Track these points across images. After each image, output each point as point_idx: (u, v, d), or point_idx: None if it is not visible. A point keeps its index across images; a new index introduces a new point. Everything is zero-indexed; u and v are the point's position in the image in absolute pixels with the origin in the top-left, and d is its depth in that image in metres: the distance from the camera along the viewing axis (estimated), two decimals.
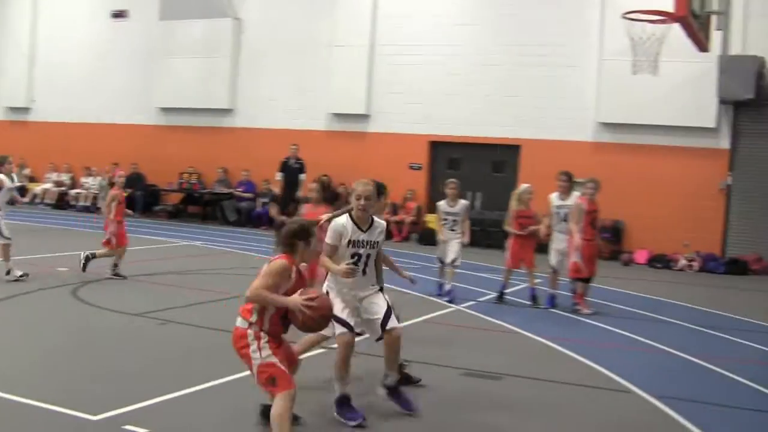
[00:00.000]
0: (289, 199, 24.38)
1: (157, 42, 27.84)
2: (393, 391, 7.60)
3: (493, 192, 22.97)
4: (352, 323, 7.36)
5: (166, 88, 27.67)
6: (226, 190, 26.64)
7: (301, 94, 26.01)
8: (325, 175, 13.53)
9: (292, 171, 24.46)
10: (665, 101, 21.51)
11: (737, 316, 14.20)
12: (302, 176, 24.15)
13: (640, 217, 21.61)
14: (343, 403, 7.32)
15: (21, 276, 13.55)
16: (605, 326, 12.43)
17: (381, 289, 7.61)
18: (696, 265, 20.97)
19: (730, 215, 21.76)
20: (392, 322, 7.41)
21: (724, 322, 13.63)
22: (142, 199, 26.93)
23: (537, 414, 8.07)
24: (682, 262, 21.10)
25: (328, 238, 7.40)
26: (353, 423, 7.16)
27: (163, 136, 27.97)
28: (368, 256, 7.47)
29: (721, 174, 21.72)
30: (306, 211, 10.86)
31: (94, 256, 14.46)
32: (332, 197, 12.02)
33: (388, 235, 23.42)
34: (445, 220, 14.10)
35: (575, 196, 13.57)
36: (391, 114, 24.92)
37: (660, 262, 21.39)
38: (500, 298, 14.09)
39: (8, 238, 13.80)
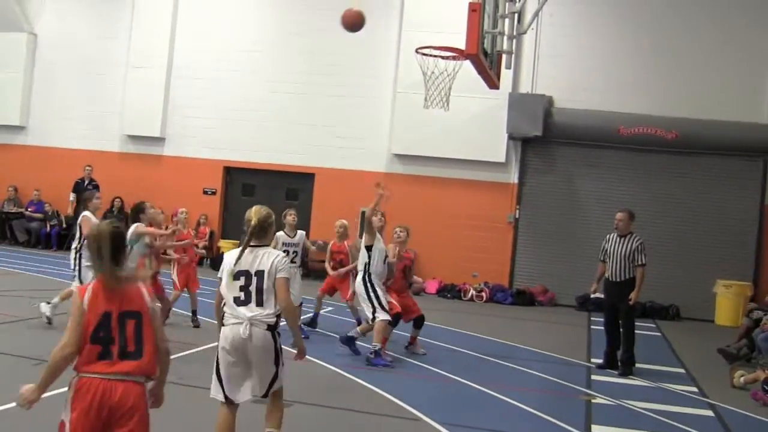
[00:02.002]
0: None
1: None
2: None
3: None
4: None
5: None
6: (15, 210, 25.53)
7: (95, 115, 25.22)
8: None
9: (85, 192, 23.67)
10: (457, 135, 22.01)
11: (523, 346, 14.62)
12: None
13: (431, 247, 21.94)
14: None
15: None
16: (395, 354, 12.50)
17: None
18: (485, 295, 21.49)
19: (518, 247, 22.43)
20: None
21: (510, 351, 14.00)
22: None
23: None
24: (472, 292, 21.59)
25: None
26: None
27: None
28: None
29: (509, 207, 22.38)
30: None
31: None
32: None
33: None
34: (286, 251, 13.37)
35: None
36: (186, 138, 24.54)
37: (450, 292, 21.82)
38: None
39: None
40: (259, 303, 6.62)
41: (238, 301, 6.64)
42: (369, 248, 12.17)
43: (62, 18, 26.04)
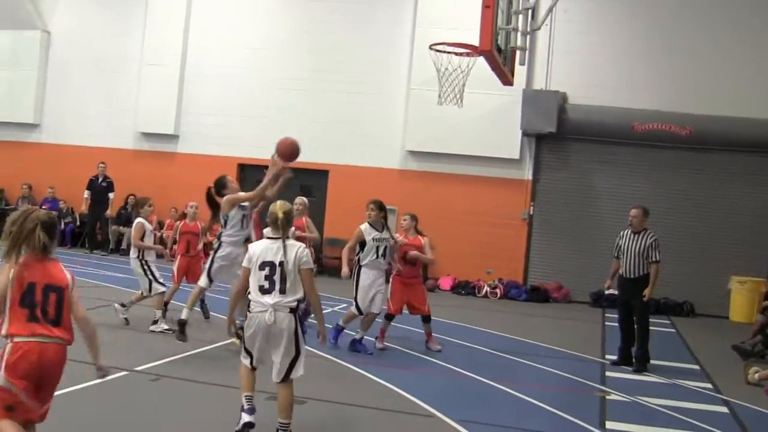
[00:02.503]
0: (96, 218, 23.85)
1: None
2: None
3: None
4: None
5: None
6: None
7: (109, 112, 25.31)
8: None
9: (100, 190, 23.91)
10: (471, 132, 22.06)
11: (537, 342, 14.62)
12: (111, 195, 23.62)
13: (445, 243, 21.80)
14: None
15: (167, 329, 12.69)
16: (409, 351, 12.53)
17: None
18: (499, 291, 21.52)
19: (532, 244, 22.45)
20: None
21: (525, 347, 14.00)
22: None
23: None
24: (486, 288, 21.61)
25: None
26: None
27: None
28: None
29: (523, 204, 22.41)
30: None
31: None
32: None
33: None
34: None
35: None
36: (200, 135, 24.58)
37: (464, 288, 21.85)
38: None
39: (163, 286, 13.20)
40: (282, 291, 7.31)
41: (262, 290, 7.34)
42: None
43: (75, 15, 26.14)
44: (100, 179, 23.92)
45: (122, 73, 25.22)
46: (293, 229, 12.44)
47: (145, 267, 13.21)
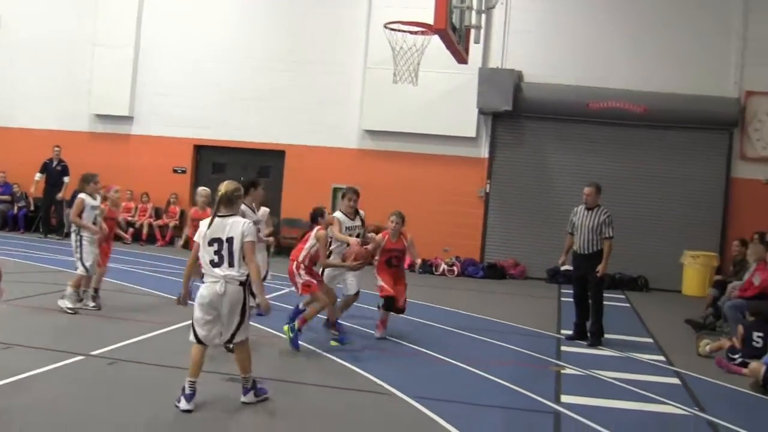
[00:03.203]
0: (50, 202, 23.61)
1: None
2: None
3: None
4: None
5: None
6: None
7: (63, 94, 24.94)
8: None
9: (54, 173, 23.57)
10: (428, 110, 22.13)
11: (494, 319, 14.79)
12: (66, 179, 23.34)
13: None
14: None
15: (69, 309, 12.52)
16: (368, 330, 12.62)
17: None
18: (456, 269, 21.65)
19: (489, 222, 22.61)
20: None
21: (482, 324, 14.16)
22: None
23: (304, 417, 8.17)
24: (443, 266, 21.74)
25: None
26: None
27: None
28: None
29: (480, 182, 22.54)
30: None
31: None
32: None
33: (153, 239, 23.07)
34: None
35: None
36: (155, 116, 24.39)
37: (421, 266, 21.92)
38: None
39: (86, 271, 12.82)
40: (231, 264, 7.97)
41: (213, 263, 8.00)
42: None
43: None
44: (55, 163, 23.56)
45: (75, 55, 24.82)
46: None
47: (77, 244, 12.80)
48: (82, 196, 12.96)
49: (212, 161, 24.59)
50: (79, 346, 10.20)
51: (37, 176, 23.62)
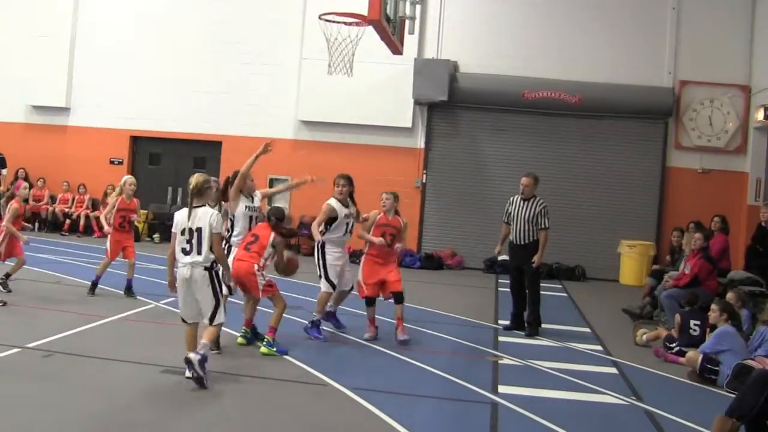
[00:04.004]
0: None
1: None
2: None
3: None
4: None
5: None
6: None
7: None
8: None
9: None
10: (363, 101, 22.06)
11: (431, 309, 14.75)
12: (3, 171, 23.00)
13: None
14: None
15: None
16: (303, 321, 12.48)
17: None
18: None
19: (425, 212, 22.55)
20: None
21: (419, 315, 14.07)
22: None
23: (236, 409, 8.04)
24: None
25: None
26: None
27: None
28: None
29: (416, 172, 22.49)
30: None
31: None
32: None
33: (90, 230, 22.70)
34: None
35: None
36: (92, 107, 24.01)
37: (358, 257, 21.76)
38: (93, 289, 13.67)
39: None
40: (199, 252, 8.77)
41: (184, 252, 8.82)
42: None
43: None
44: None
45: (10, 46, 24.26)
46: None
47: None
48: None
49: (149, 152, 24.28)
50: (14, 338, 10.07)
51: None
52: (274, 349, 10.36)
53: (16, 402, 7.79)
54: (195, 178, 8.92)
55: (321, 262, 11.84)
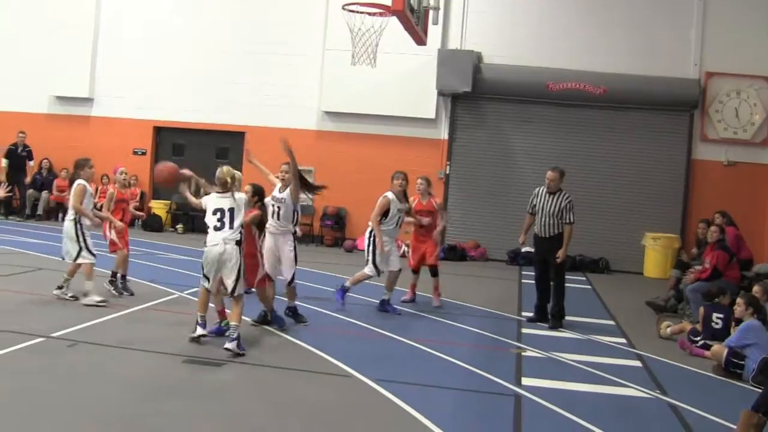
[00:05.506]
0: (14, 185, 23.30)
1: None
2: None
3: None
4: None
5: None
6: None
7: (23, 76, 24.41)
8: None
9: (19, 158, 23.45)
10: (387, 92, 22.02)
11: (454, 301, 14.69)
12: (30, 163, 23.43)
13: (362, 204, 21.71)
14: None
15: (99, 302, 11.99)
16: (327, 312, 12.48)
17: None
18: None
19: (449, 203, 22.47)
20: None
21: (444, 306, 14.04)
22: None
23: (259, 400, 8.02)
24: (403, 248, 21.58)
25: None
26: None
27: None
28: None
29: (439, 163, 22.43)
30: None
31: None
32: None
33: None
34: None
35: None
36: (115, 98, 24.08)
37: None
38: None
39: (93, 256, 12.25)
40: (231, 227, 9.85)
41: (216, 228, 9.87)
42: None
43: None
44: (20, 148, 23.43)
45: (35, 37, 24.32)
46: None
47: (79, 232, 12.17)
48: (82, 182, 12.36)
49: (172, 142, 24.33)
50: (39, 327, 10.11)
51: (3, 162, 23.43)
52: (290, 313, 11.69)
53: (40, 390, 7.79)
54: (227, 172, 10.17)
55: (370, 248, 12.97)
